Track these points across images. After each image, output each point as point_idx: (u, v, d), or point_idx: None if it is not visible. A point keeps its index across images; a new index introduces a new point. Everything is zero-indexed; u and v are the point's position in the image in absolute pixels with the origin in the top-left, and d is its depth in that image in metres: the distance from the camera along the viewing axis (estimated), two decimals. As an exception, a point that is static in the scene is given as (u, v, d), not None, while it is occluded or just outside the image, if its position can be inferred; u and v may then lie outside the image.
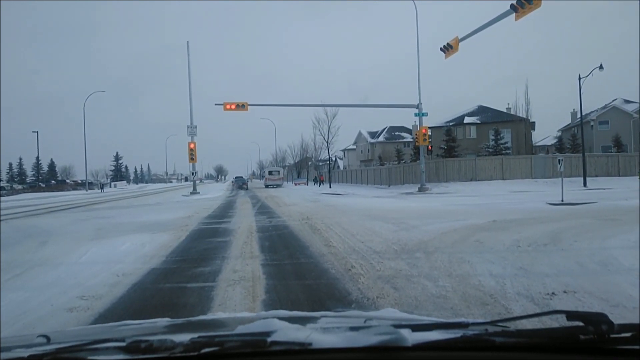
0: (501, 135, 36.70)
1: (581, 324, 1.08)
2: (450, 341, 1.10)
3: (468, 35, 17.06)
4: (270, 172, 53.78)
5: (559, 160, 17.07)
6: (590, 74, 28.12)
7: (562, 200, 16.62)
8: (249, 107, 29.26)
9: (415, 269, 5.97)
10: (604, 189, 26.62)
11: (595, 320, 1.06)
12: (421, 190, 28.83)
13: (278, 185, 49.11)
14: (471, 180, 31.66)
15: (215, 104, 28.46)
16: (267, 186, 49.50)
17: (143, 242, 8.76)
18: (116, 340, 1.12)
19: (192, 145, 31.70)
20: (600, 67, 27.81)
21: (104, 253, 7.70)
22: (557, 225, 10.05)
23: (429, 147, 29.83)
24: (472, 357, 1.10)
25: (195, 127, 32.20)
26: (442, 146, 36.27)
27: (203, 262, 6.72)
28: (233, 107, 28.52)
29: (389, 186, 37.58)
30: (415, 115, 29.37)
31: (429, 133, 31.54)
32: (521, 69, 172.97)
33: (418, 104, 29.26)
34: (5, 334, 3.61)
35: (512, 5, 16.24)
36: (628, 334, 1.06)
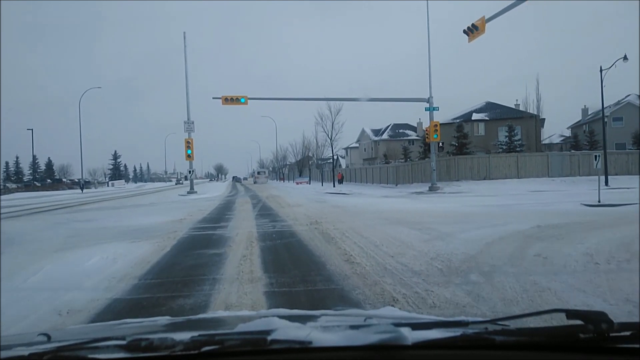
0: (515, 132, 34.85)
1: (581, 322, 1.06)
2: (450, 340, 1.08)
3: (496, 15, 15.25)
4: (258, 172, 74.89)
5: (596, 156, 15.29)
6: (614, 65, 26.39)
7: (599, 201, 14.89)
8: (249, 101, 27.51)
9: (483, 302, 4.24)
10: (628, 188, 24.83)
11: (595, 319, 1.04)
12: (432, 189, 27.09)
13: (264, 182, 66.01)
14: (484, 179, 29.89)
15: (213, 98, 26.70)
16: (255, 182, 67.83)
17: (116, 256, 7.01)
18: (117, 338, 1.10)
19: (188, 142, 29.90)
20: (625, 57, 26.06)
21: (60, 272, 5.96)
22: (618, 232, 8.34)
23: (441, 144, 28.06)
24: (472, 356, 1.08)
25: (192, 122, 30.41)
26: (452, 143, 34.44)
27: (186, 289, 4.97)
28: (231, 100, 26.75)
29: (397, 185, 35.78)
30: (426, 110, 27.61)
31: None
32: (526, 66, 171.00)
33: (429, 98, 27.52)
34: None
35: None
36: (628, 333, 1.04)
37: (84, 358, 1.04)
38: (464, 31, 16.62)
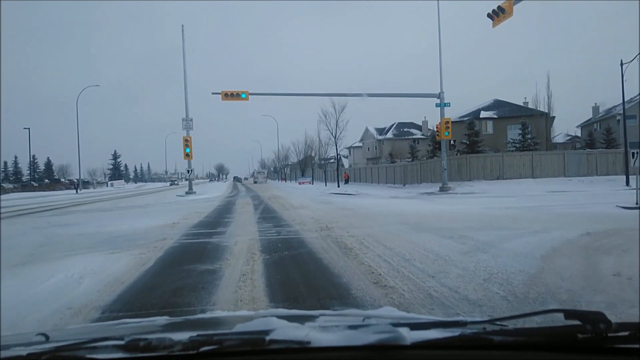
0: (528, 129, 33.32)
1: (579, 322, 1.05)
2: (449, 340, 1.08)
3: (525, -5, 13.86)
4: (257, 173, 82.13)
5: (633, 153, 13.81)
6: (636, 58, 24.91)
7: (637, 203, 13.46)
8: (250, 97, 26.12)
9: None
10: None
11: (593, 319, 1.04)
12: (443, 190, 25.70)
13: (263, 182, 71.57)
14: (497, 178, 28.44)
15: (212, 93, 25.32)
16: (255, 182, 73.49)
17: (85, 273, 5.63)
18: (115, 338, 1.08)
19: (187, 140, 28.53)
20: (647, 51, 24.59)
21: (7, 298, 4.54)
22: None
23: (452, 142, 26.63)
24: (471, 356, 1.07)
25: (191, 119, 29.02)
26: (463, 141, 32.94)
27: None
28: (232, 96, 25.37)
29: (404, 185, 34.32)
30: (437, 105, 26.22)
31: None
32: (527, 65, 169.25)
33: (439, 93, 26.14)
34: None
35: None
36: (626, 333, 1.04)
37: (82, 358, 1.01)
38: (488, 15, 15.17)
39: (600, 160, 29.53)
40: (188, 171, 30.77)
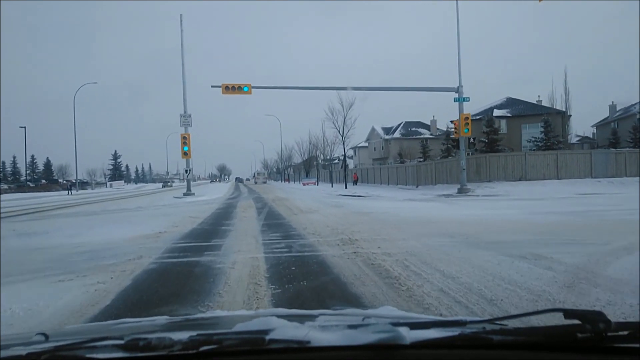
0: (551, 127, 31.22)
1: (579, 322, 1.03)
2: (448, 339, 1.07)
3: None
4: (258, 174, 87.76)
5: None
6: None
7: None
8: (252, 90, 24.13)
9: None
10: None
11: (593, 319, 1.02)
12: (461, 191, 23.65)
13: (263, 183, 75.20)
14: (520, 179, 26.34)
15: (212, 86, 23.33)
16: (255, 183, 77.01)
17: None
18: (114, 338, 1.06)
19: (185, 138, 26.56)
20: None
21: None
22: None
23: (472, 139, 24.56)
24: (470, 355, 1.05)
25: (190, 116, 27.06)
26: (482, 139, 30.83)
27: None
28: (233, 89, 23.37)
29: (417, 187, 32.24)
30: (455, 100, 24.16)
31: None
32: (534, 64, 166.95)
33: (458, 87, 24.09)
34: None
35: None
36: (626, 332, 1.02)
37: (81, 358, 1.01)
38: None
39: (629, 160, 27.42)
40: (186, 171, 28.78)
